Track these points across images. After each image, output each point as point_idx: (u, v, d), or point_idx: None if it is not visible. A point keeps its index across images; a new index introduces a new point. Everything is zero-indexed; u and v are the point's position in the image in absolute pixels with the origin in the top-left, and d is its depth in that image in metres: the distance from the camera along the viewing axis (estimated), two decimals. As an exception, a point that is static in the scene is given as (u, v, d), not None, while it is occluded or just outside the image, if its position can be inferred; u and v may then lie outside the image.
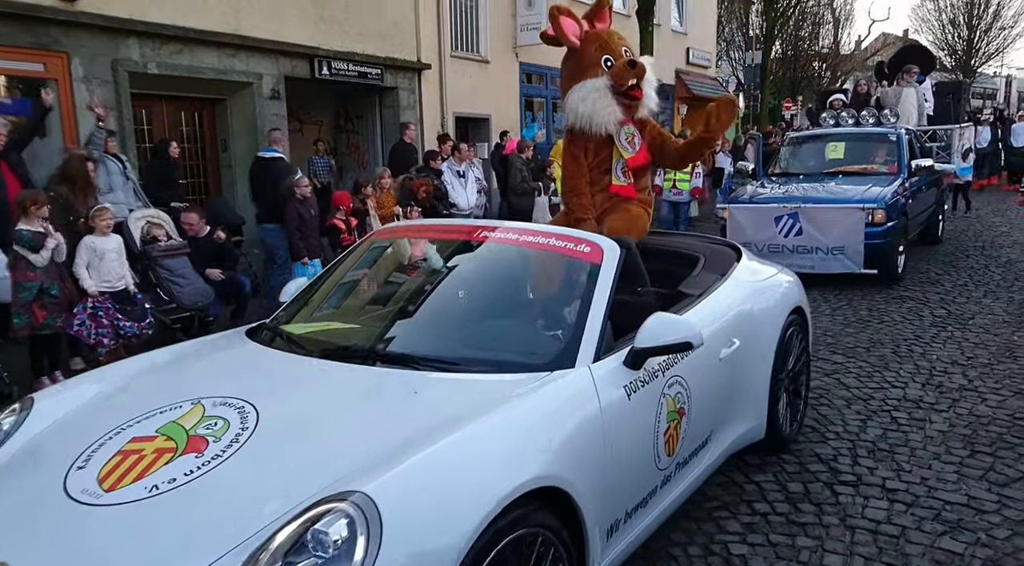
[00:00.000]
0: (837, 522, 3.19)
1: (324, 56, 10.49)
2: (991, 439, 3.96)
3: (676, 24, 21.11)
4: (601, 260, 2.83)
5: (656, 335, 2.54)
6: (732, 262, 3.80)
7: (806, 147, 9.68)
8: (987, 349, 5.55)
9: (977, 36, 39.10)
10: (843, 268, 7.47)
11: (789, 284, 4.02)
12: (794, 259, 7.40)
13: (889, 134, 9.01)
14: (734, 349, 3.26)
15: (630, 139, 4.15)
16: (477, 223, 3.43)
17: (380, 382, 2.49)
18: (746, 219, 7.90)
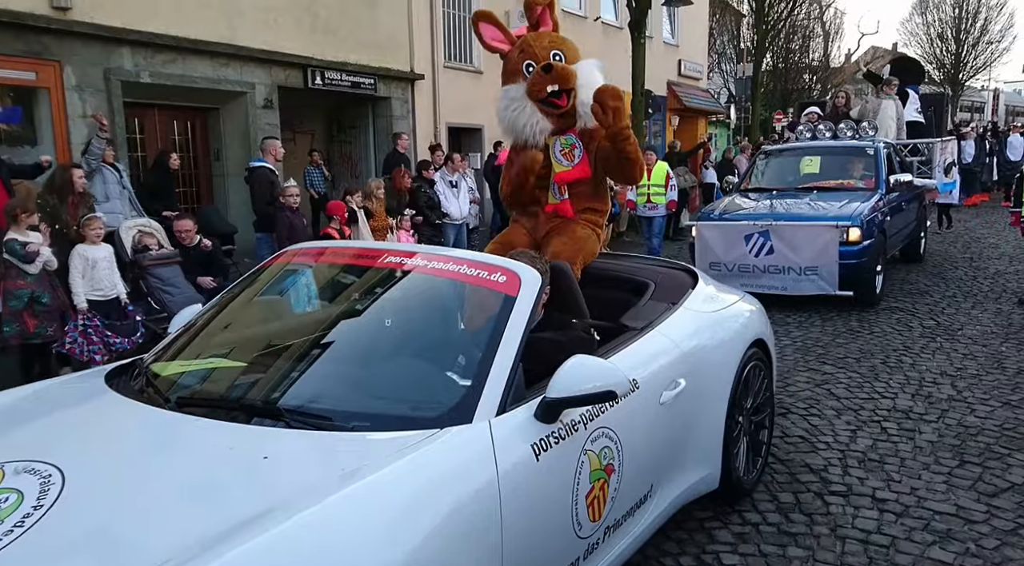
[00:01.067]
0: (828, 532, 3.20)
1: (317, 66, 10.52)
2: (980, 449, 3.99)
3: (668, 36, 21.26)
4: (518, 291, 2.43)
5: (572, 383, 2.16)
6: (686, 289, 3.49)
7: (780, 161, 9.25)
8: (975, 360, 5.59)
9: (965, 50, 39.58)
10: (817, 290, 7.07)
11: (750, 314, 3.70)
12: (765, 280, 7.15)
13: (866, 148, 8.58)
14: (679, 391, 2.87)
15: (567, 151, 3.78)
16: (388, 247, 2.97)
17: (228, 442, 2.05)
18: (715, 237, 7.50)
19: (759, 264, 7.23)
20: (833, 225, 6.96)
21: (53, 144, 7.70)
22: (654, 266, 3.95)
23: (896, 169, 8.65)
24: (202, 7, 8.92)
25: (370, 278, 2.86)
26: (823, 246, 6.95)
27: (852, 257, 7.02)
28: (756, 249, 7.21)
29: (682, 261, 4.46)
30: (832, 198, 7.75)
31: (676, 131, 21.16)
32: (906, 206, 8.76)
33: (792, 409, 4.66)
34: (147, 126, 9.40)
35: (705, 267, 7.11)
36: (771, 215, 7.45)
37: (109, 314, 5.60)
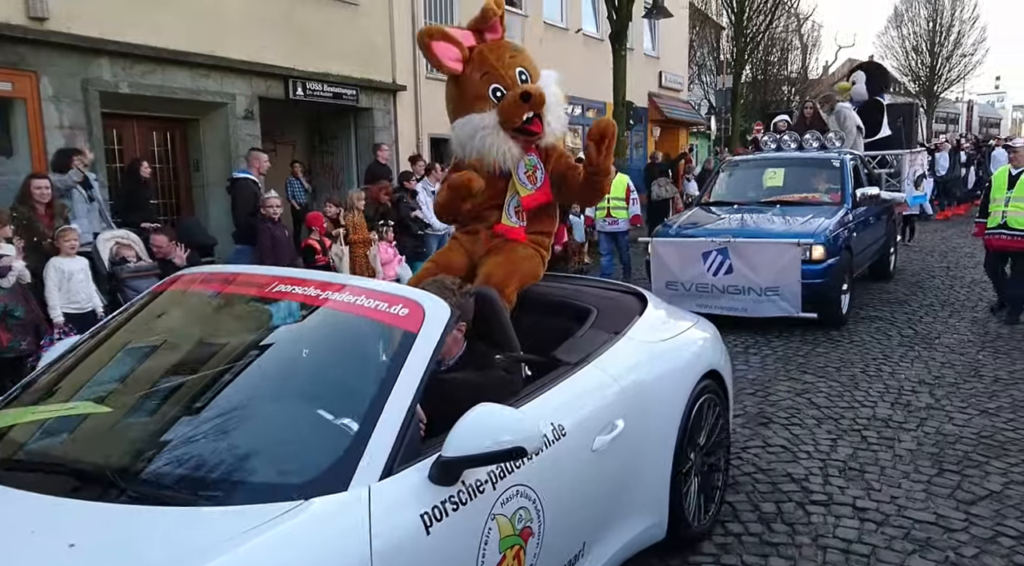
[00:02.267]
0: (809, 542, 3.21)
1: (299, 77, 10.48)
2: (958, 457, 4.03)
3: (649, 48, 21.45)
4: (420, 327, 2.08)
5: (472, 439, 1.84)
6: (632, 316, 3.18)
7: (742, 173, 8.81)
8: (953, 368, 5.65)
9: (939, 63, 40.31)
10: (778, 311, 6.61)
11: (703, 342, 3.40)
12: (724, 301, 6.77)
13: (832, 160, 8.18)
14: (616, 434, 2.55)
15: (531, 173, 3.51)
16: (282, 275, 2.52)
17: (32, 524, 1.66)
18: (671, 255, 7.05)
19: (718, 284, 6.81)
20: (795, 242, 6.52)
21: (29, 155, 7.59)
22: (600, 290, 3.63)
23: (863, 182, 8.33)
24: (182, 18, 8.87)
25: (253, 311, 2.48)
26: (784, 265, 6.51)
27: (816, 276, 6.62)
28: (714, 268, 6.78)
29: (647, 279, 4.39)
30: (796, 213, 7.35)
31: (657, 142, 21.31)
32: (874, 221, 8.39)
33: (774, 418, 4.68)
34: (125, 137, 9.30)
35: (661, 286, 6.92)
36: (729, 231, 7.03)
37: (85, 327, 5.51)
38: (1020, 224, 6.78)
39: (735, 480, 3.80)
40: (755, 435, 4.42)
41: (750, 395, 5.13)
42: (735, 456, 4.10)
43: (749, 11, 24.78)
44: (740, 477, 3.85)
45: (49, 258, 5.47)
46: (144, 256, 6.41)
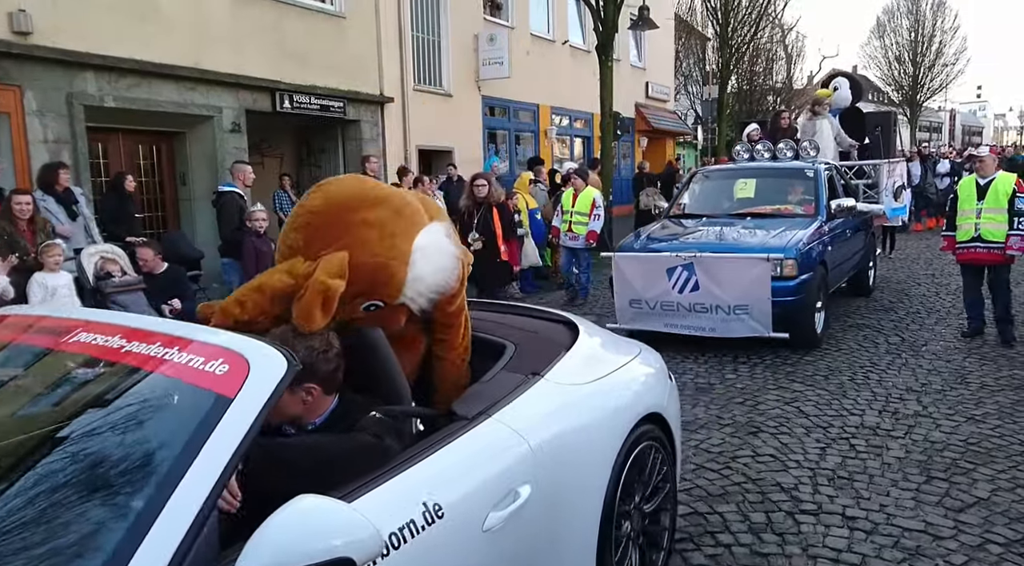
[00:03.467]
0: (799, 552, 3.21)
1: (285, 89, 10.48)
2: (946, 465, 4.04)
3: (635, 59, 21.61)
4: (238, 390, 1.61)
5: (278, 551, 1.38)
6: (557, 351, 2.69)
7: (713, 184, 8.41)
8: (940, 375, 5.68)
9: (921, 72, 40.81)
10: (748, 331, 6.17)
11: (645, 379, 2.94)
12: (691, 319, 6.35)
13: (806, 170, 7.74)
14: (518, 506, 2.06)
15: None
16: (88, 318, 2.07)
17: None
18: (634, 270, 6.58)
19: (684, 302, 6.34)
20: (764, 257, 6.08)
21: (13, 169, 7.53)
22: (527, 318, 3.17)
23: (839, 193, 7.90)
24: (167, 31, 8.86)
25: (41, 368, 1.97)
26: (753, 281, 6.07)
27: (787, 294, 6.17)
28: (680, 284, 6.32)
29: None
30: (767, 226, 6.90)
31: (645, 152, 21.42)
32: (851, 234, 7.94)
33: (763, 428, 4.68)
34: (111, 150, 9.26)
35: (625, 304, 6.61)
36: (695, 245, 6.59)
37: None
38: (995, 236, 6.39)
39: (725, 491, 3.80)
40: (744, 444, 4.42)
41: (739, 404, 5.13)
42: (724, 466, 4.10)
43: (734, 22, 24.99)
44: (730, 487, 3.84)
45: (32, 273, 5.42)
46: (129, 270, 6.36)
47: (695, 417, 4.90)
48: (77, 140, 8.06)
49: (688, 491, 3.80)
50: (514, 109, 16.36)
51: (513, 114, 16.44)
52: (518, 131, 16.84)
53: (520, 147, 16.91)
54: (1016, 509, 3.50)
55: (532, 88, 16.21)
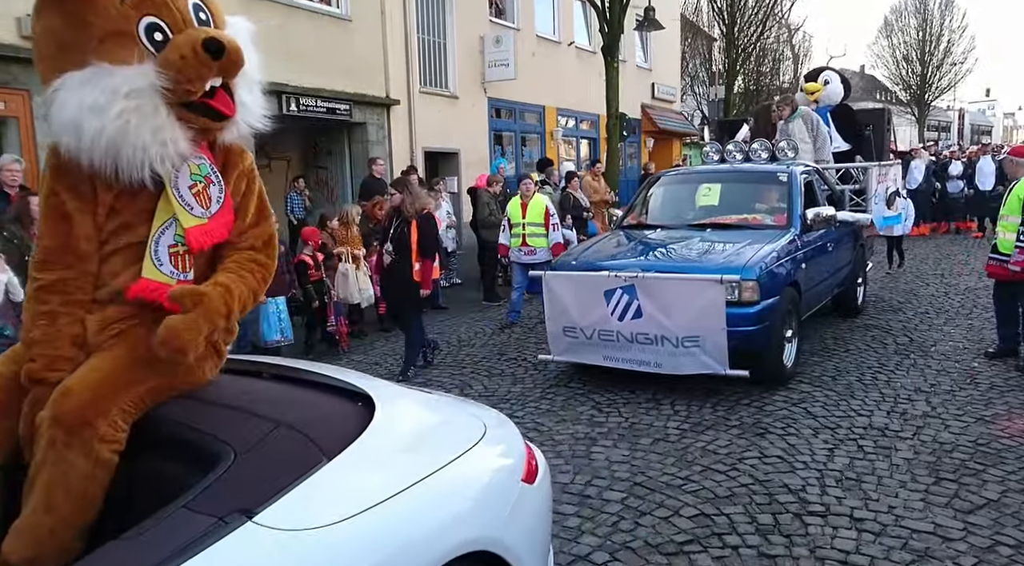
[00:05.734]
0: (807, 554, 3.19)
1: (292, 92, 10.52)
2: (955, 466, 4.01)
3: (641, 60, 21.59)
4: None
5: None
6: (313, 460, 1.78)
7: (675, 190, 7.35)
8: (949, 376, 5.64)
9: (930, 71, 40.65)
10: (699, 367, 5.12)
11: (474, 493, 2.01)
12: (634, 353, 5.31)
13: (778, 174, 6.65)
14: None
15: (201, 189, 2.06)
16: None
17: None
18: (568, 292, 5.51)
19: (625, 331, 5.29)
20: (716, 279, 4.97)
21: (22, 173, 7.57)
22: (297, 393, 2.19)
23: (820, 200, 6.86)
24: (175, 35, 8.90)
25: None
26: (704, 308, 5.01)
27: (746, 322, 5.13)
28: (620, 310, 5.28)
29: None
30: (729, 238, 5.86)
31: (651, 153, 21.41)
32: (833, 247, 6.87)
33: (770, 429, 4.66)
34: (119, 154, 9.31)
35: (559, 332, 5.61)
36: (639, 263, 5.50)
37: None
38: (1005, 247, 5.79)
39: (732, 492, 3.78)
40: (751, 446, 4.40)
41: (746, 405, 5.11)
42: (731, 468, 4.09)
43: (740, 22, 24.99)
44: (737, 489, 3.83)
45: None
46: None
47: (702, 419, 4.88)
48: (85, 144, 8.10)
49: (695, 493, 3.79)
50: (520, 111, 16.37)
51: (519, 116, 16.44)
52: (524, 133, 16.84)
53: (526, 149, 16.92)
54: (1026, 510, 3.47)
55: (538, 90, 16.21)
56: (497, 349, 7.10)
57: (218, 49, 1.92)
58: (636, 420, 4.90)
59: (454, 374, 6.34)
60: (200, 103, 1.98)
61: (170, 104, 1.93)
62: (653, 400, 5.28)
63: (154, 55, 1.92)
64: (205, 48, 1.91)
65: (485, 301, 9.39)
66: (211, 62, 1.92)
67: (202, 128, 2.03)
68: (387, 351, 7.34)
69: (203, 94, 1.97)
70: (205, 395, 2.06)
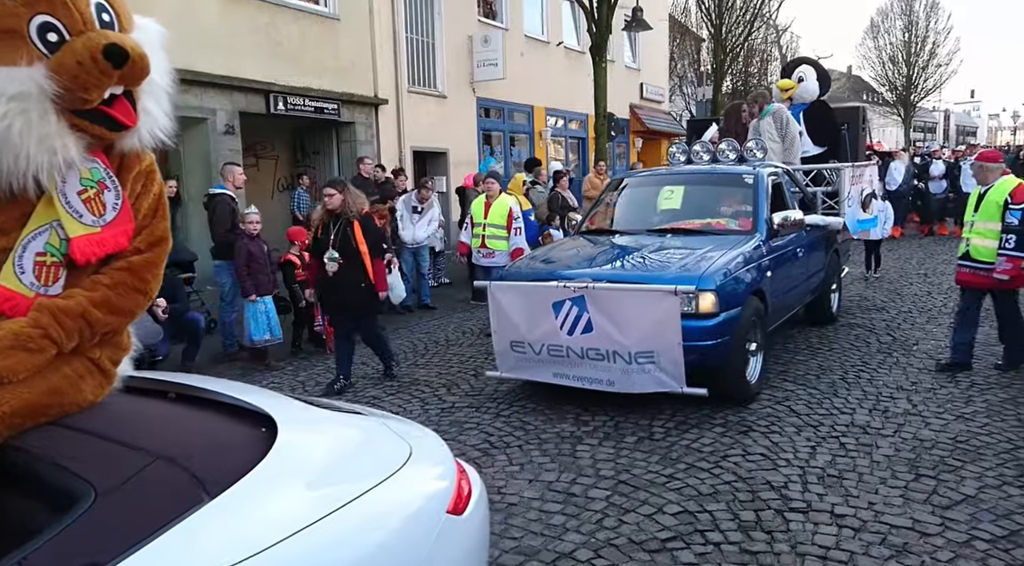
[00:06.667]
0: (788, 549, 3.23)
1: (279, 91, 10.50)
2: (934, 462, 4.07)
3: (629, 60, 21.66)
4: None
5: None
6: (192, 500, 1.55)
7: (637, 192, 7.00)
8: (930, 374, 5.71)
9: (915, 72, 41.01)
10: (654, 385, 4.78)
11: (381, 531, 1.77)
12: (585, 369, 4.95)
13: (744, 175, 6.31)
14: None
15: (93, 195, 1.88)
16: None
17: None
18: (515, 304, 5.13)
19: (575, 346, 4.93)
20: (670, 290, 4.62)
21: (6, 172, 7.53)
22: (179, 422, 1.94)
23: (789, 203, 6.53)
24: (161, 33, 8.86)
25: None
26: (658, 321, 4.65)
27: (704, 336, 4.78)
28: (569, 323, 4.90)
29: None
30: (691, 245, 5.53)
31: (639, 153, 21.50)
32: (804, 253, 6.50)
33: (754, 427, 4.71)
34: (105, 153, 9.26)
35: (506, 347, 5.22)
36: (590, 273, 5.14)
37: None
38: (982, 254, 5.50)
39: (715, 489, 3.82)
40: (735, 443, 4.44)
41: (730, 403, 5.16)
42: (715, 465, 4.13)
43: (728, 23, 25.10)
44: (720, 486, 3.87)
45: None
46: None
47: (686, 417, 4.92)
48: (70, 143, 8.06)
49: (679, 490, 3.83)
50: (509, 110, 16.39)
51: (508, 116, 16.47)
52: (513, 133, 16.87)
53: (515, 149, 16.94)
54: (1003, 506, 3.53)
55: (527, 89, 16.24)
56: (484, 348, 7.11)
57: (120, 57, 1.75)
58: (621, 418, 4.93)
59: (441, 373, 6.36)
60: (96, 110, 1.80)
61: (61, 111, 1.76)
62: (638, 398, 5.31)
63: (47, 57, 1.74)
64: (105, 55, 1.74)
65: (473, 301, 9.40)
66: (111, 70, 1.76)
67: (97, 136, 1.86)
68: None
69: (102, 101, 1.81)
70: (82, 422, 1.78)
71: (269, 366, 6.77)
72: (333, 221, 5.82)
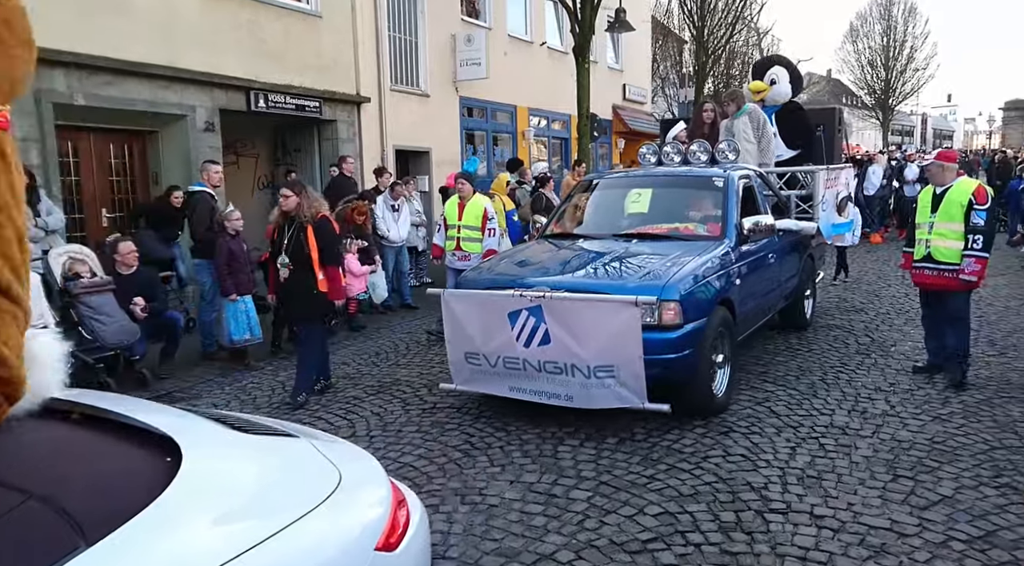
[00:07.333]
0: (768, 550, 3.25)
1: (260, 89, 10.39)
2: (912, 463, 4.11)
3: (612, 61, 21.71)
4: None
5: None
6: (66, 547, 1.33)
7: (604, 195, 6.65)
8: (908, 375, 5.78)
9: (893, 76, 41.58)
10: (615, 400, 4.53)
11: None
12: (543, 383, 4.70)
13: (714, 178, 6.07)
14: None
15: None
16: None
17: None
18: (469, 314, 4.87)
19: (532, 358, 4.66)
20: (631, 300, 4.36)
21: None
22: (69, 451, 1.70)
23: (761, 207, 6.30)
24: (139, 29, 8.73)
25: None
26: (618, 333, 4.39)
27: (668, 349, 4.54)
28: (526, 334, 4.63)
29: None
30: (657, 251, 5.27)
31: (622, 153, 21.56)
32: (776, 258, 6.28)
33: (734, 428, 4.73)
34: (81, 149, 9.10)
35: (460, 358, 4.97)
36: (549, 281, 4.86)
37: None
38: (945, 256, 5.40)
39: (696, 490, 3.84)
40: (716, 444, 4.46)
41: (711, 405, 5.18)
42: (695, 466, 4.14)
43: (710, 25, 25.27)
44: (701, 487, 3.88)
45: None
46: (99, 271, 6.27)
47: (667, 418, 4.93)
48: (46, 139, 7.92)
49: (660, 491, 3.84)
50: (492, 110, 16.36)
51: (491, 115, 16.43)
52: (496, 132, 16.84)
53: (498, 148, 16.92)
54: (979, 506, 3.57)
55: (510, 89, 16.22)
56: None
57: None
58: (602, 419, 4.93)
59: (423, 373, 6.33)
60: None
61: None
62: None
63: None
64: None
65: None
66: None
67: None
68: (355, 351, 7.30)
69: None
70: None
71: (248, 366, 6.70)
72: (288, 224, 5.58)
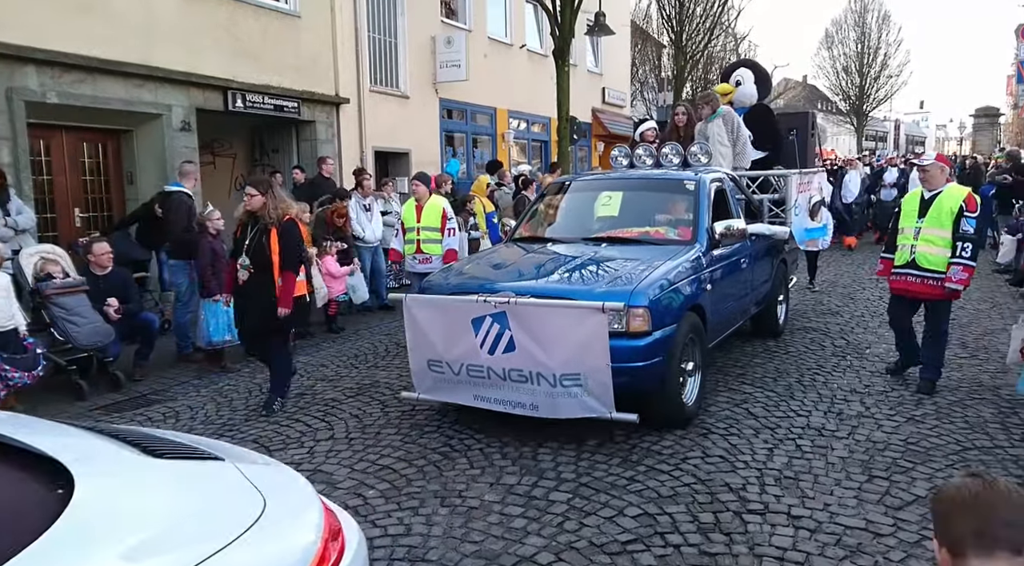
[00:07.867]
0: (746, 551, 3.27)
1: (238, 88, 10.29)
2: (887, 464, 4.17)
3: (591, 65, 21.80)
4: None
5: None
6: None
7: (571, 197, 6.48)
8: (882, 377, 5.86)
9: (868, 83, 42.23)
10: (581, 410, 4.39)
11: None
12: (507, 392, 4.54)
13: (685, 181, 5.95)
14: None
15: None
16: None
17: None
18: (432, 320, 4.71)
19: (496, 366, 4.51)
20: (597, 306, 4.20)
21: None
22: None
23: (734, 211, 6.19)
24: (114, 26, 8.61)
25: None
26: (584, 340, 4.24)
27: (636, 357, 4.39)
28: (490, 341, 4.48)
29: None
30: (626, 255, 5.15)
31: (601, 157, 21.66)
32: (748, 264, 6.18)
33: (713, 429, 4.76)
34: (54, 148, 8.95)
35: (423, 366, 4.82)
36: (514, 286, 4.71)
37: (6, 346, 5.27)
38: (932, 263, 5.26)
39: (675, 492, 3.85)
40: (695, 446, 4.49)
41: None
42: (675, 468, 4.16)
43: (688, 30, 25.49)
44: (680, 488, 3.90)
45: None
46: (72, 271, 6.17)
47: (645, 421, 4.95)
48: (17, 137, 7.78)
49: (639, 493, 3.85)
50: (471, 112, 16.35)
51: (471, 117, 16.43)
52: (476, 134, 16.83)
53: (478, 150, 16.91)
54: (952, 506, 3.62)
55: (490, 91, 16.22)
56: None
57: None
58: (582, 421, 4.93)
59: (402, 375, 6.30)
60: None
61: None
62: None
63: None
64: None
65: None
66: None
67: None
68: (334, 353, 7.25)
69: None
70: None
71: (225, 368, 6.62)
72: (252, 224, 5.29)
